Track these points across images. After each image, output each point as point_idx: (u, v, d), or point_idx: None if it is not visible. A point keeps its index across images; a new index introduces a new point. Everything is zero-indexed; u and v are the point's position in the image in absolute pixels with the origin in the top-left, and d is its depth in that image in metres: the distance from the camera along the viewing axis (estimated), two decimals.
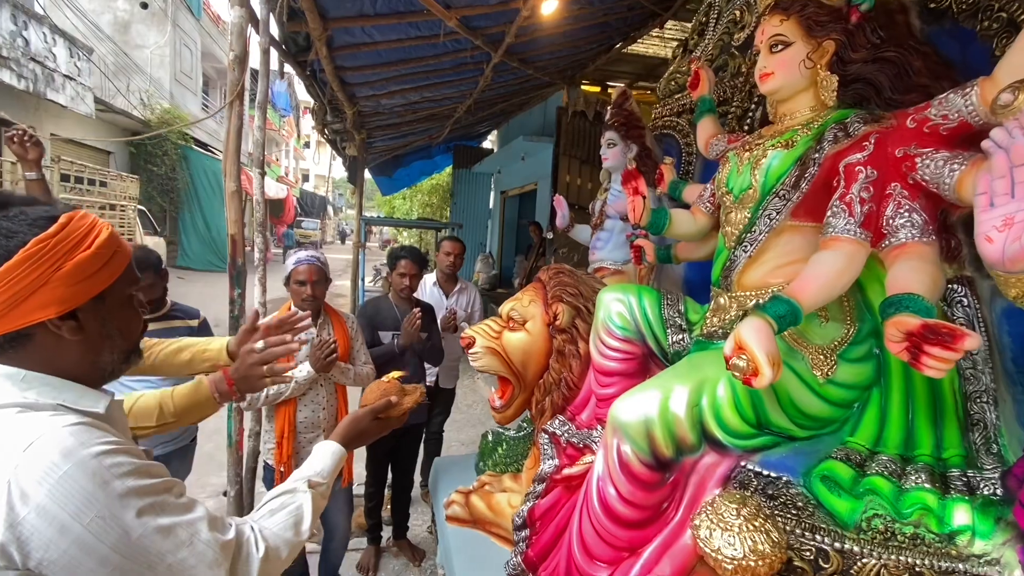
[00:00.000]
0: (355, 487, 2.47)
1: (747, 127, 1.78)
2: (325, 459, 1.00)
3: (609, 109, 2.39)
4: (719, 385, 1.10)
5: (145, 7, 9.02)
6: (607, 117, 2.38)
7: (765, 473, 1.07)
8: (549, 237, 4.97)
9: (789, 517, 1.02)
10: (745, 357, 0.89)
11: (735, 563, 0.93)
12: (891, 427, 1.10)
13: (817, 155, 1.14)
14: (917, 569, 0.93)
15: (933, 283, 0.93)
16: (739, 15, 1.86)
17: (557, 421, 1.56)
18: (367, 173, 7.60)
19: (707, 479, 1.11)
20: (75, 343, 0.71)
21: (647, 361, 1.45)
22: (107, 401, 0.73)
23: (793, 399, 1.10)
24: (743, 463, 1.10)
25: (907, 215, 1.02)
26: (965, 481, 1.00)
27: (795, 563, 0.99)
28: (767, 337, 0.90)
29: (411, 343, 2.48)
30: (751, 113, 1.79)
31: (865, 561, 0.95)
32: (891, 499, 0.97)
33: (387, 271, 3.17)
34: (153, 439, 1.80)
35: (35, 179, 1.99)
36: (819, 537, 0.99)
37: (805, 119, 1.23)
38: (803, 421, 1.12)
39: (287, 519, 0.85)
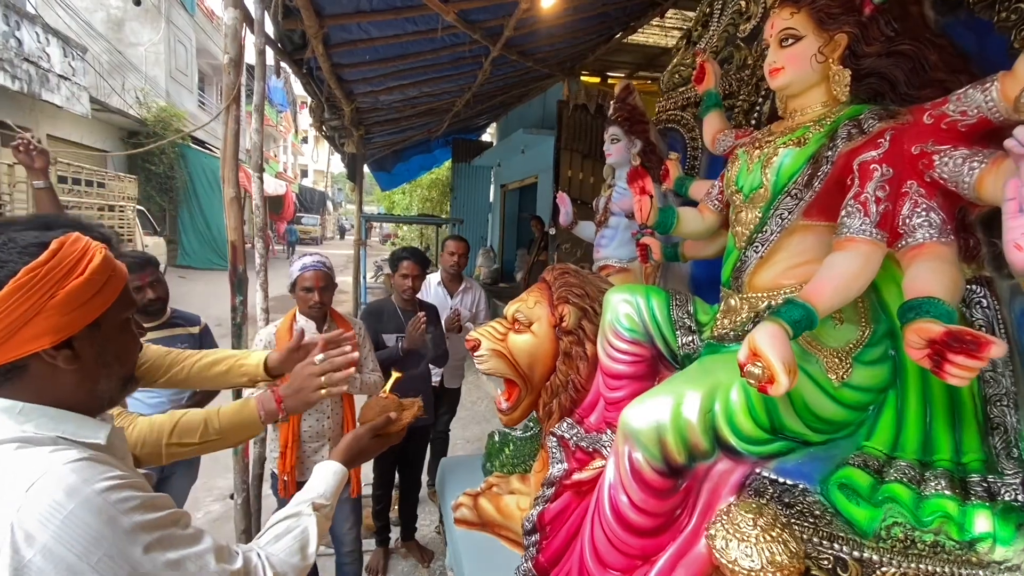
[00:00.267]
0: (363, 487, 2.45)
1: (754, 121, 1.74)
2: (327, 480, 0.99)
3: (612, 104, 2.33)
4: (732, 390, 1.08)
5: (138, 4, 8.91)
6: (610, 112, 2.32)
7: (781, 481, 1.06)
8: (552, 232, 4.93)
9: (806, 526, 1.00)
10: (760, 364, 0.87)
11: (753, 575, 0.92)
12: (908, 431, 1.08)
13: (830, 153, 1.10)
14: None
15: (953, 285, 0.90)
16: (745, 5, 1.81)
17: (565, 424, 1.54)
18: (366, 168, 7.55)
19: (721, 486, 1.09)
20: (71, 372, 0.69)
21: (656, 363, 1.43)
22: (107, 430, 0.72)
23: (808, 403, 1.08)
24: (758, 470, 1.08)
25: (924, 214, 0.99)
26: (985, 487, 0.98)
27: (813, 572, 0.97)
28: (783, 343, 0.88)
29: (415, 347, 2.46)
30: (758, 107, 1.75)
31: (885, 570, 0.94)
32: (911, 506, 0.95)
33: (388, 267, 3.14)
34: None
35: (43, 188, 1.96)
36: (837, 546, 0.97)
37: (817, 115, 1.19)
38: (818, 425, 1.10)
39: (293, 543, 0.84)
